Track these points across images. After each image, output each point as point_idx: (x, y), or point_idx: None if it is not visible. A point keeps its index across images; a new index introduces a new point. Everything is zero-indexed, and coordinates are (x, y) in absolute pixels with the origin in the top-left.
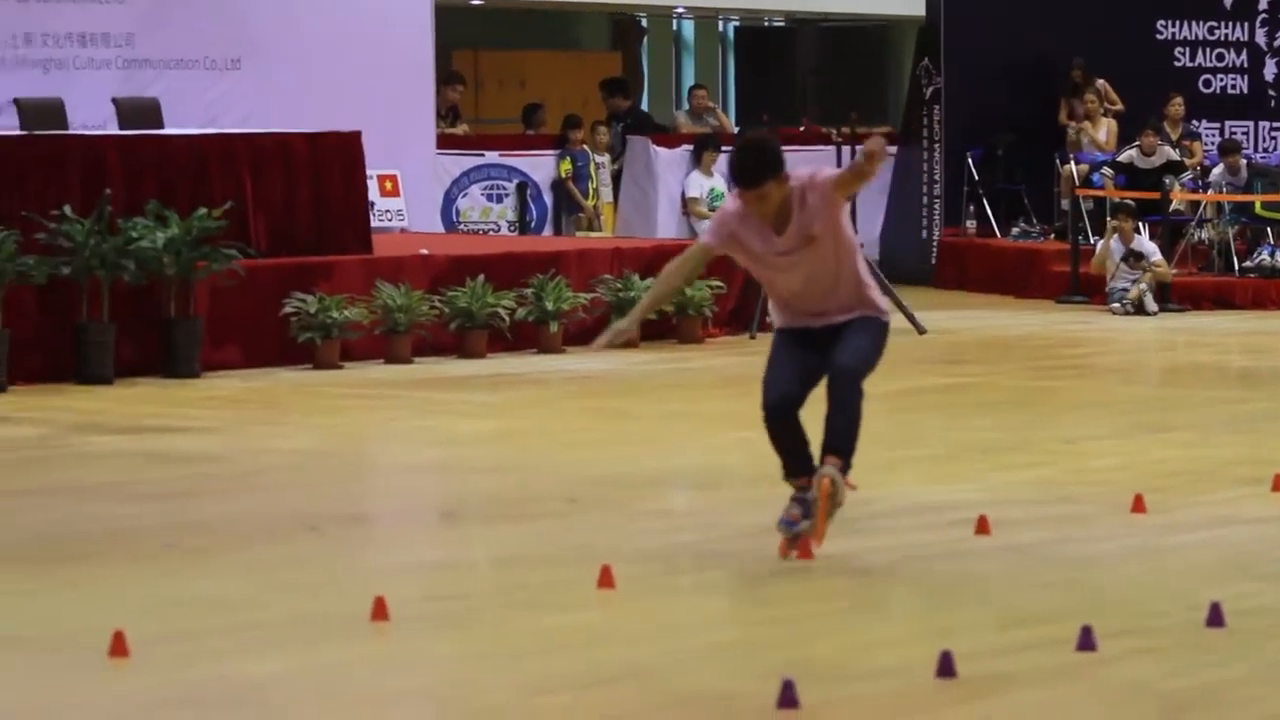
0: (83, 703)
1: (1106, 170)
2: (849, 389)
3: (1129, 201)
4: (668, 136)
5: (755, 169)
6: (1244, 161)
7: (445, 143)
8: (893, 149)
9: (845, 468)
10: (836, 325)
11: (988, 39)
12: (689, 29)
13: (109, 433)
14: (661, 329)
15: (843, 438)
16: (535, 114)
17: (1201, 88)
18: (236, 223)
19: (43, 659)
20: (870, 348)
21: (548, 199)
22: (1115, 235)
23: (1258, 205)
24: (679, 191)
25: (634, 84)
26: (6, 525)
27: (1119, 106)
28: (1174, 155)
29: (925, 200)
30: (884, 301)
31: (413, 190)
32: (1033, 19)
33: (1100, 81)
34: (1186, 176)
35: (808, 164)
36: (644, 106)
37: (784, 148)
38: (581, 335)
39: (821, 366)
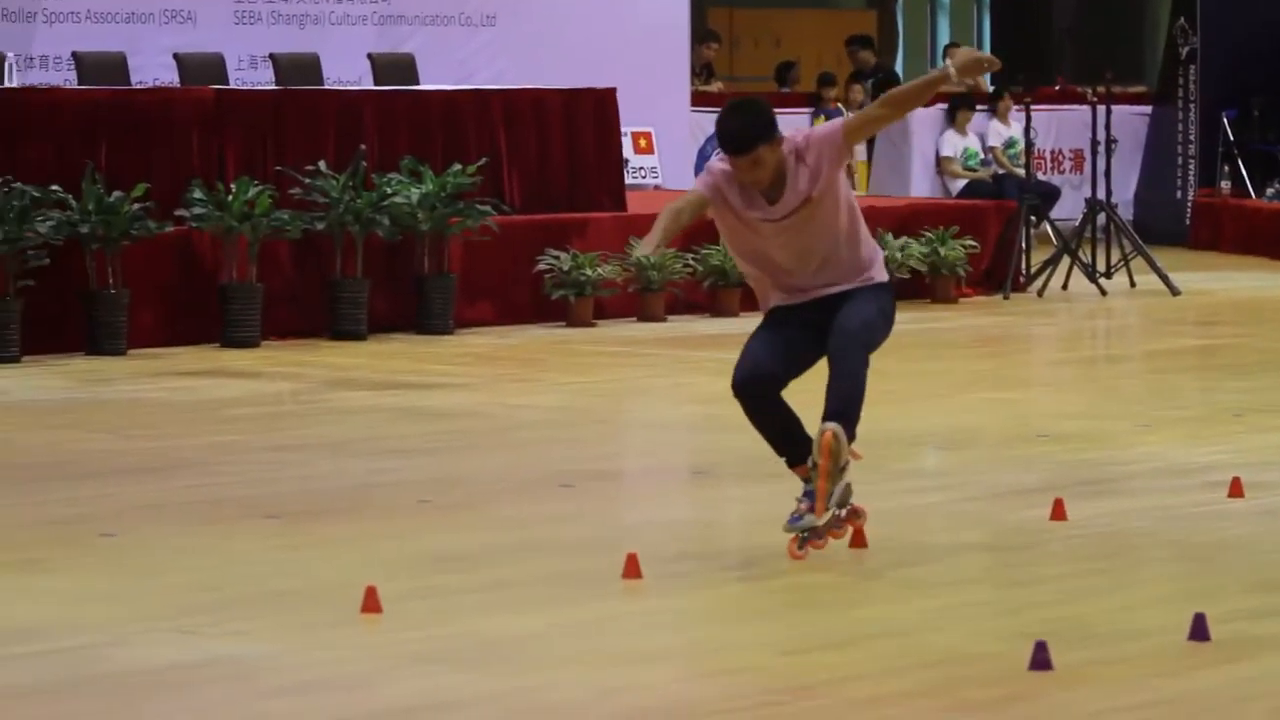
0: (336, 656)
1: None
2: (853, 355)
3: None
4: None
5: (744, 133)
6: None
7: (700, 100)
8: (1145, 108)
9: (850, 437)
10: (834, 296)
11: None
12: None
13: (363, 388)
14: (916, 288)
15: (847, 402)
16: (789, 72)
17: None
18: (491, 179)
19: (298, 613)
20: (877, 317)
21: None
22: None
23: None
24: (933, 150)
25: (889, 42)
26: (262, 480)
27: None
28: None
29: (1180, 161)
30: (884, 268)
31: (667, 147)
32: None
33: None
34: None
35: (1063, 123)
36: (899, 65)
37: (1039, 106)
38: None
39: (812, 350)
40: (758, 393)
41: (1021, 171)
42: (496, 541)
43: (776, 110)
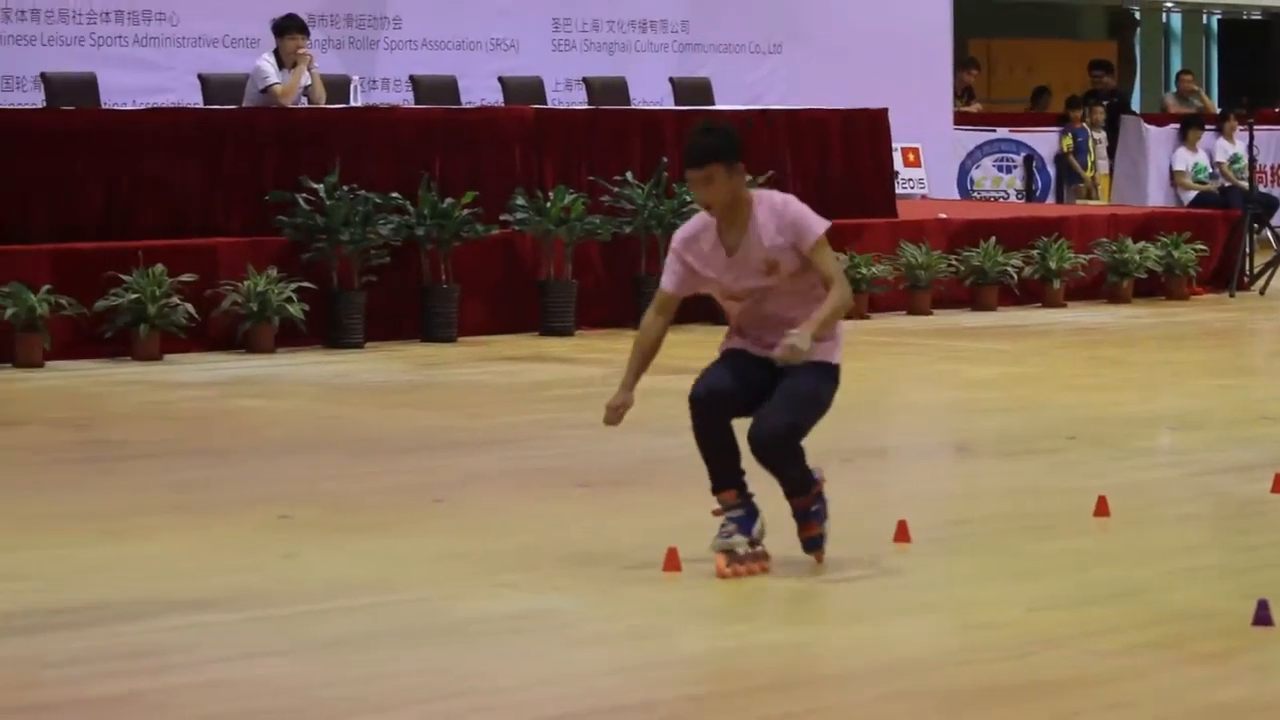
0: (639, 610)
1: None
2: (780, 459)
3: None
4: (1157, 115)
5: (701, 148)
6: None
7: (961, 120)
8: None
9: (818, 497)
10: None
11: None
12: (1177, 21)
13: (663, 373)
14: (1153, 286)
15: (795, 485)
16: (1042, 97)
17: None
18: (777, 188)
19: (605, 571)
20: (809, 400)
21: (1051, 170)
22: None
23: None
24: (1167, 165)
25: (1128, 69)
26: (574, 453)
27: None
28: None
29: None
30: (839, 347)
31: (932, 161)
32: None
33: None
34: None
35: None
36: (1136, 88)
37: (1261, 126)
38: (1080, 292)
39: (765, 388)
40: (714, 408)
41: (1245, 184)
42: (777, 508)
43: (1029, 128)
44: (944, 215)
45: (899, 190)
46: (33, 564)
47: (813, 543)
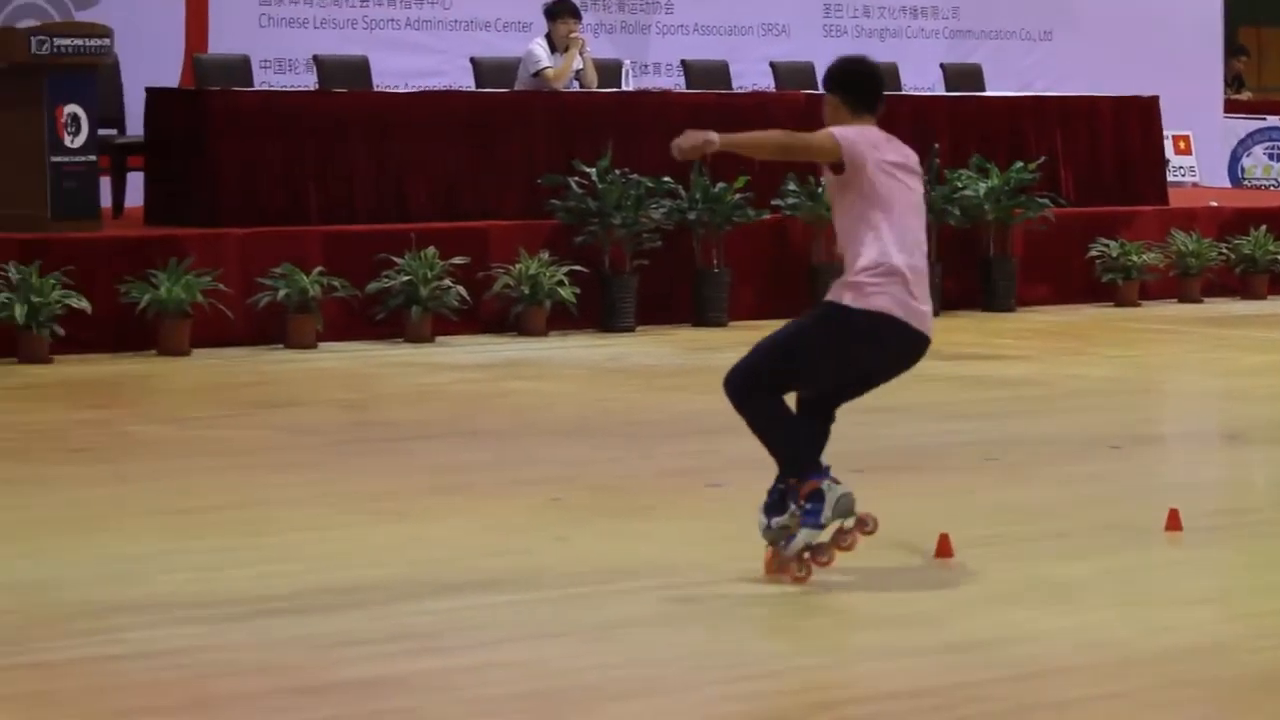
0: (915, 595)
1: None
2: (732, 400)
3: None
4: None
5: (827, 74)
6: None
7: (1231, 107)
8: None
9: (812, 496)
10: None
11: None
12: None
13: (935, 359)
14: None
15: (770, 450)
16: None
17: None
18: (1048, 175)
19: (880, 556)
20: (775, 342)
21: None
22: None
23: None
24: None
25: None
26: (850, 438)
27: None
28: None
29: None
30: (857, 291)
31: (1203, 149)
32: None
33: None
34: None
35: None
36: None
37: None
38: None
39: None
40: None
41: None
42: (1053, 496)
43: None
44: (1215, 203)
45: (1170, 178)
46: (307, 545)
47: (772, 531)
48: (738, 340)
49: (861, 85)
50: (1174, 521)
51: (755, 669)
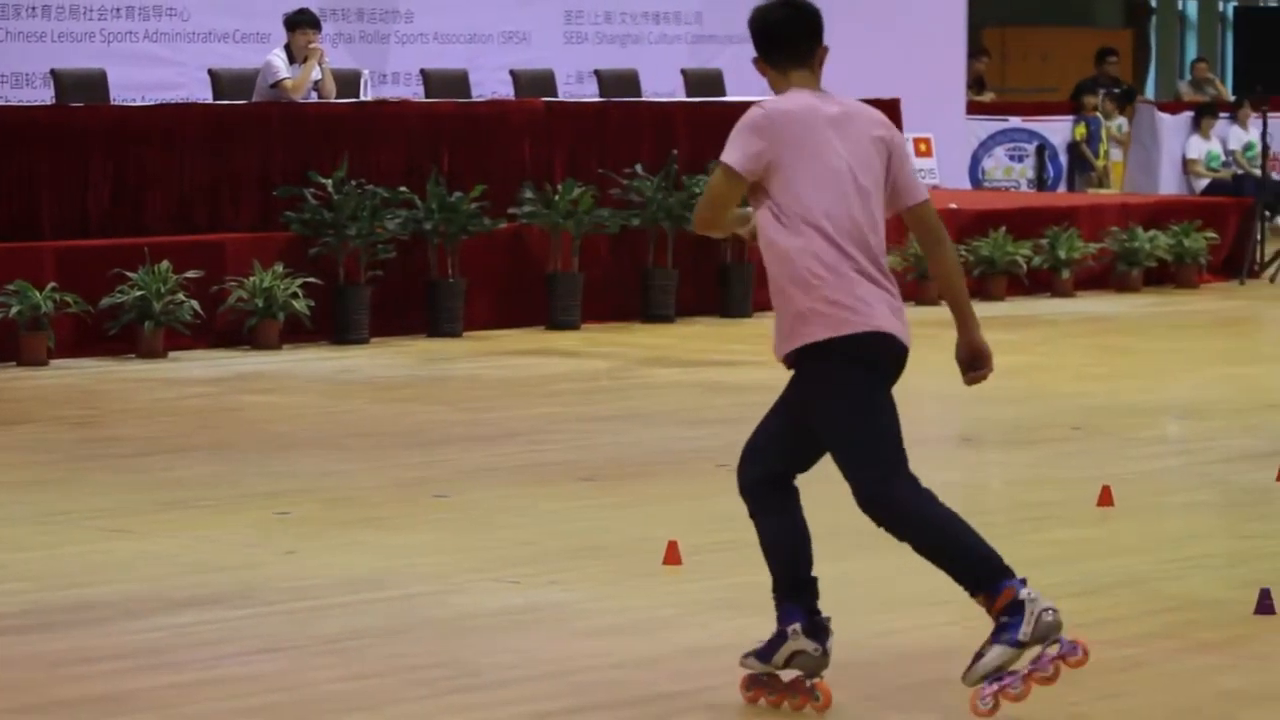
0: (641, 603)
1: None
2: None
3: None
4: (1171, 104)
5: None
6: None
7: (973, 109)
8: None
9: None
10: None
11: None
12: (1192, 9)
13: (671, 366)
14: (1161, 276)
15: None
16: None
17: None
18: None
19: (609, 563)
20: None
21: (1063, 159)
22: None
23: None
24: (1180, 153)
25: (1143, 58)
26: (580, 446)
27: None
28: None
29: None
30: (823, 324)
31: (944, 151)
32: None
33: None
34: None
35: None
36: (1151, 76)
37: (1275, 114)
38: (1089, 281)
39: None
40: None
41: (1258, 172)
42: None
43: (1042, 117)
44: (955, 205)
45: None
46: (35, 563)
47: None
48: (472, 350)
49: (770, 35)
50: None
51: (480, 679)
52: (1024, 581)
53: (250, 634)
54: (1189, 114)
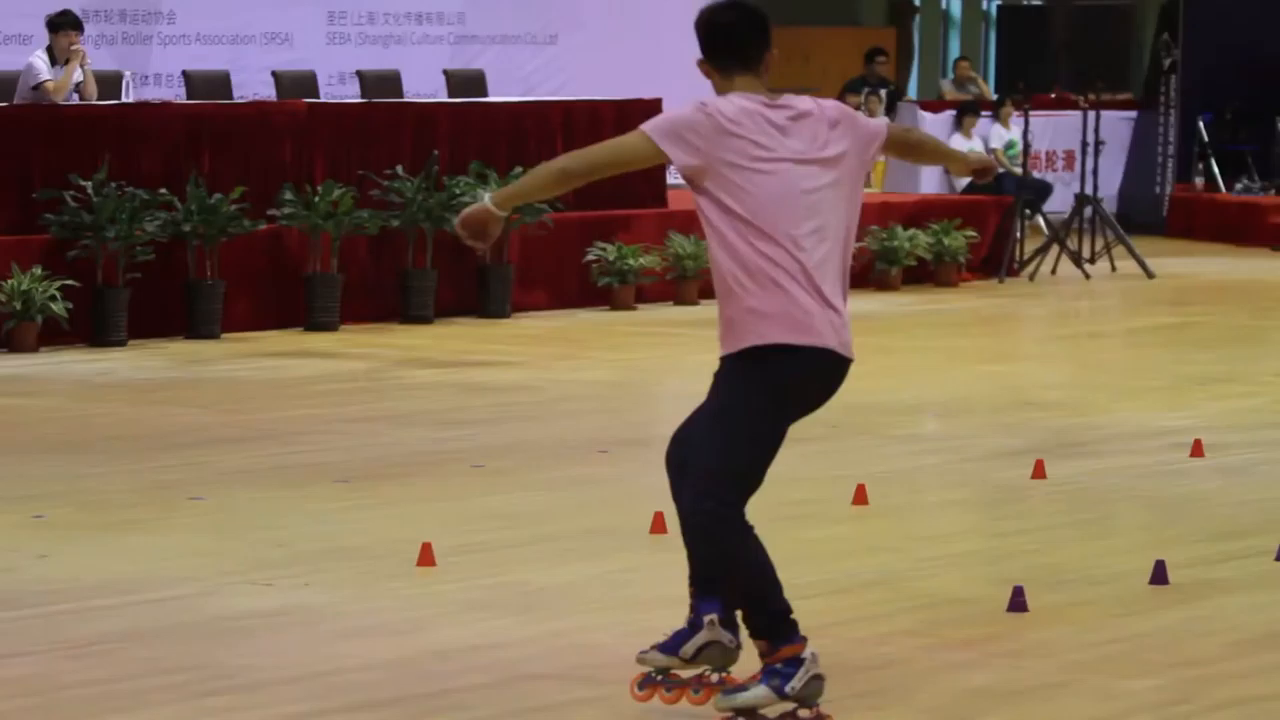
0: (394, 604)
1: None
2: (686, 522)
3: None
4: (933, 103)
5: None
6: None
7: None
8: (1131, 113)
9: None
10: None
11: (1221, 14)
12: (956, 7)
13: (429, 367)
14: (920, 274)
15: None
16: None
17: None
18: None
19: (362, 565)
20: (711, 422)
21: None
22: None
23: None
24: None
25: (906, 57)
26: (337, 448)
27: None
28: None
29: (1160, 159)
30: (758, 330)
31: None
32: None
33: None
34: None
35: (1057, 127)
36: (914, 76)
37: (1036, 112)
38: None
39: None
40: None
41: (1019, 170)
42: (541, 502)
43: None
44: None
45: (670, 181)
46: None
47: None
48: (231, 352)
49: (716, 37)
50: (659, 524)
51: (233, 682)
52: (806, 641)
53: (1, 638)
54: (951, 113)
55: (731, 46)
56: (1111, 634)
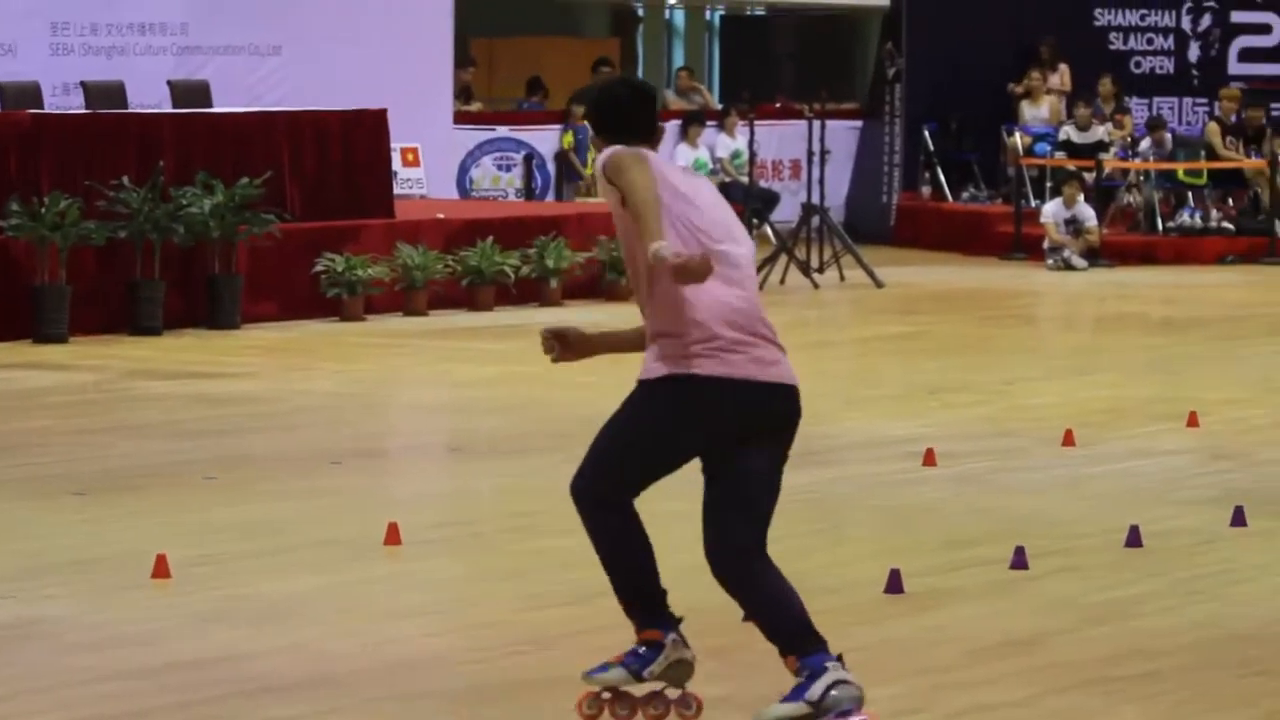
0: (131, 617)
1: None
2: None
3: (1077, 170)
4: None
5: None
6: (1169, 135)
7: (461, 119)
8: (856, 122)
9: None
10: None
11: (944, 24)
12: (679, 17)
13: (159, 378)
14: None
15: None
16: (539, 90)
17: (1133, 68)
18: (274, 190)
19: (96, 578)
20: (603, 440)
21: (551, 169)
22: (1059, 200)
23: (1180, 172)
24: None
25: (630, 67)
26: (67, 460)
27: (1067, 89)
28: (1104, 136)
29: (886, 168)
30: (679, 360)
31: (432, 161)
32: (983, 7)
33: (1063, 66)
34: (1115, 147)
35: (783, 136)
36: None
37: (761, 121)
38: (577, 290)
39: None
40: None
41: (745, 179)
42: (274, 513)
43: (530, 126)
44: (442, 215)
45: (398, 191)
46: None
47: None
48: None
49: (614, 115)
50: (393, 535)
51: None
52: (670, 629)
53: None
54: (675, 123)
55: (630, 123)
56: (848, 643)
